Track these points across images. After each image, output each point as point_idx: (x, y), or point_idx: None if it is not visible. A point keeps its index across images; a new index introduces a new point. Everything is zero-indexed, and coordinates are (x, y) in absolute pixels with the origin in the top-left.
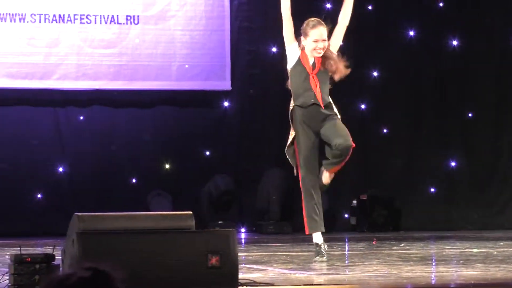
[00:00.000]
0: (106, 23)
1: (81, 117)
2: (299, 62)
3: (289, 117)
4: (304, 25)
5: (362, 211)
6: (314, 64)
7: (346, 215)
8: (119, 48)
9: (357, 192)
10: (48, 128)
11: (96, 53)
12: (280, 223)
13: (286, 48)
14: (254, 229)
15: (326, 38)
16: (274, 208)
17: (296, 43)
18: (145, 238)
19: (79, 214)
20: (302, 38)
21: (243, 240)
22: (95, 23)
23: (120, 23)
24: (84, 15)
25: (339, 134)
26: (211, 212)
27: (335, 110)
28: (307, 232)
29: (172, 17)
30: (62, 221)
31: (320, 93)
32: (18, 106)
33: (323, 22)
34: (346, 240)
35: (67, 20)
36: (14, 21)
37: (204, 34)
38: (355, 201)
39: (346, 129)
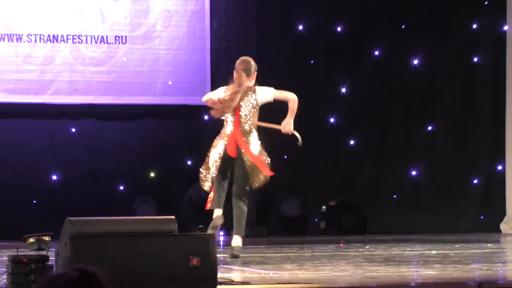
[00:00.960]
0: (96, 42)
1: (73, 129)
2: None
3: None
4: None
5: (331, 216)
6: None
7: (316, 220)
8: (108, 66)
9: (326, 198)
10: (42, 139)
11: (87, 70)
12: (256, 227)
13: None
14: (232, 232)
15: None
16: (250, 213)
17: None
18: (132, 241)
19: (71, 218)
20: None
21: (221, 243)
22: (86, 42)
23: (109, 43)
24: (76, 35)
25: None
26: (193, 217)
27: None
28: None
29: (157, 37)
30: (55, 225)
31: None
32: (15, 119)
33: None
34: (316, 243)
35: (61, 40)
36: (12, 40)
37: (186, 53)
38: (324, 207)
39: None
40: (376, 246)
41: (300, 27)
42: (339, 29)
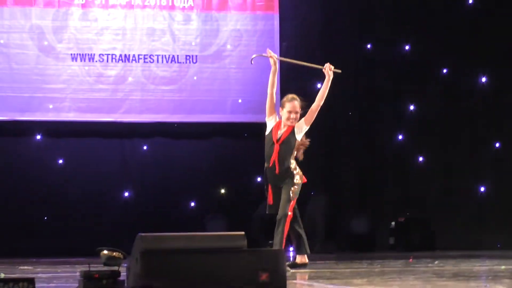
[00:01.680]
0: (167, 62)
1: (145, 147)
2: (271, 131)
3: None
4: (284, 98)
5: (400, 232)
6: (281, 135)
7: (386, 236)
8: (179, 84)
9: (395, 214)
10: (114, 157)
11: (159, 89)
12: (325, 242)
13: (266, 119)
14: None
15: (299, 111)
16: (319, 229)
17: (275, 116)
18: (202, 257)
19: (143, 234)
20: (280, 108)
21: (291, 258)
22: (158, 62)
23: (180, 62)
24: (147, 55)
25: (280, 205)
26: (262, 233)
27: (294, 174)
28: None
29: (227, 56)
30: (127, 240)
31: (276, 160)
32: (87, 138)
33: (298, 98)
34: (385, 258)
35: (132, 60)
36: (84, 60)
37: (256, 72)
38: (393, 223)
39: (289, 197)
40: (445, 261)
41: (368, 46)
42: (406, 47)
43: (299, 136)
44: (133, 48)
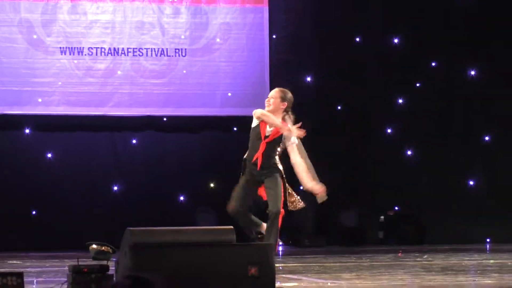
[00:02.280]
0: (156, 55)
1: (134, 141)
2: (258, 125)
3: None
4: None
5: (389, 226)
6: (270, 133)
7: (375, 230)
8: (168, 78)
9: (384, 208)
10: (104, 151)
11: (148, 82)
12: (315, 237)
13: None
14: (290, 242)
15: (276, 98)
16: (309, 223)
17: None
18: (191, 251)
19: (131, 228)
20: None
21: (280, 252)
22: (147, 55)
23: (169, 56)
24: (136, 48)
25: (271, 200)
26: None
27: (279, 168)
28: None
29: (216, 50)
30: (116, 234)
31: (261, 157)
32: (77, 131)
33: (284, 90)
34: (374, 253)
35: (121, 53)
36: (73, 54)
37: (245, 65)
38: (382, 217)
39: (279, 192)
40: (434, 255)
41: (357, 39)
42: (396, 40)
43: (283, 145)
44: (122, 42)
